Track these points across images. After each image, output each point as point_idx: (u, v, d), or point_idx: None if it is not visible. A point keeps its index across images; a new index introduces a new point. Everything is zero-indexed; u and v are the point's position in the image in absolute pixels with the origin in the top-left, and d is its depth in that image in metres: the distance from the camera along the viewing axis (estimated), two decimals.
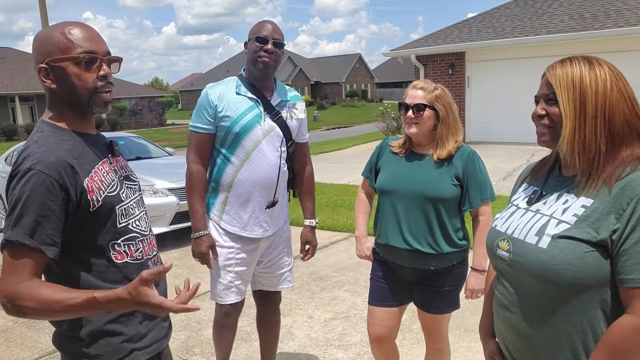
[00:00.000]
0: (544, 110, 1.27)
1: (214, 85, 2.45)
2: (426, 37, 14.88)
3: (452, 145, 2.16)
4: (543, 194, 1.33)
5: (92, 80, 1.36)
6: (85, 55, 1.35)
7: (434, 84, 2.20)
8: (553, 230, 1.21)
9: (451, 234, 2.16)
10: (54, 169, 1.28)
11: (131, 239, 1.45)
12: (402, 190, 2.17)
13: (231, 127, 2.35)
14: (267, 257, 2.60)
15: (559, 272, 1.17)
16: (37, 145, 1.32)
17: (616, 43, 11.27)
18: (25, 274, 1.24)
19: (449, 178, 2.14)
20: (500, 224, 1.38)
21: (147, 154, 7.65)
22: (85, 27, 1.38)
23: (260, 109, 2.40)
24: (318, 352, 3.34)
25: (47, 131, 1.37)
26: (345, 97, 54.77)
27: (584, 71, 1.22)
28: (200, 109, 2.40)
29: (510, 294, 1.32)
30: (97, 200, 1.35)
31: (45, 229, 1.26)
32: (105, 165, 1.43)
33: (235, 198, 2.42)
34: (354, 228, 6.14)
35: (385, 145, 2.34)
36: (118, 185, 1.45)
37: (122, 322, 1.42)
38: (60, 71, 1.35)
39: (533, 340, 1.27)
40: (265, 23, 2.39)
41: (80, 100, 1.38)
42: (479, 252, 2.17)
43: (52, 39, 1.35)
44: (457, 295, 2.29)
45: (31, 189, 1.25)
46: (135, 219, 1.48)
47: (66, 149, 1.34)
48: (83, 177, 1.33)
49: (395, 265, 2.27)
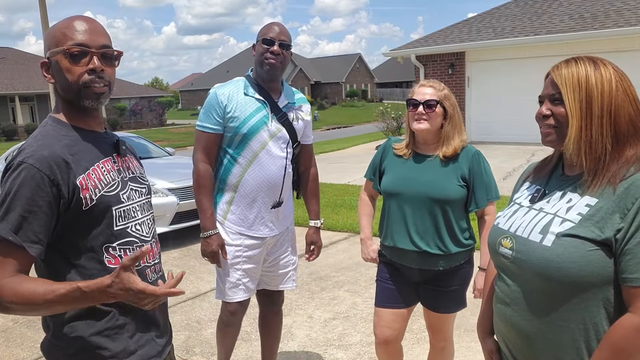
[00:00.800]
0: (549, 111, 1.27)
1: (223, 86, 2.45)
2: (426, 37, 14.88)
3: (457, 143, 2.17)
4: (546, 193, 1.34)
5: (79, 74, 1.31)
6: (74, 48, 1.30)
7: (442, 83, 2.23)
8: (557, 228, 1.22)
9: (458, 234, 2.17)
10: (46, 163, 1.24)
11: (128, 243, 1.38)
12: (408, 192, 2.17)
13: (239, 127, 2.36)
14: (272, 255, 2.61)
15: (562, 270, 1.17)
16: (35, 139, 1.30)
17: (616, 43, 11.27)
18: (8, 270, 1.20)
19: (455, 179, 2.14)
20: (502, 222, 1.39)
21: (147, 154, 7.65)
22: (85, 20, 1.34)
23: (268, 110, 2.41)
24: (318, 352, 3.35)
25: (49, 126, 1.35)
26: (345, 97, 54.78)
27: (589, 71, 1.22)
28: (209, 109, 2.40)
29: (512, 291, 1.32)
30: (90, 198, 1.29)
31: (32, 225, 1.21)
32: (107, 164, 1.38)
33: (241, 198, 2.44)
34: (353, 228, 6.20)
35: (389, 147, 2.33)
36: (119, 185, 1.39)
37: (109, 336, 1.34)
38: (56, 65, 1.33)
39: (534, 338, 1.26)
40: (272, 25, 2.41)
41: (71, 94, 1.34)
42: (486, 252, 2.12)
43: (51, 33, 1.34)
44: (463, 294, 2.30)
45: (20, 183, 1.21)
46: (135, 222, 1.41)
47: (63, 145, 1.30)
48: (78, 173, 1.29)
49: (403, 267, 2.26)
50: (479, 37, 13.44)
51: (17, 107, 32.35)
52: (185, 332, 3.71)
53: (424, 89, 2.18)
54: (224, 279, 2.49)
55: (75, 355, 1.33)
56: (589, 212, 1.19)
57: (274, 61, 2.36)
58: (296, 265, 2.74)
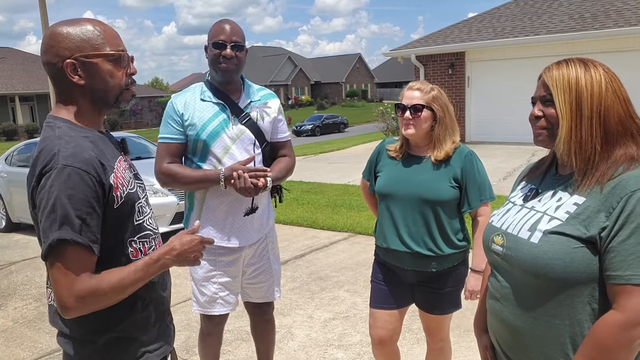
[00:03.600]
0: (541, 112, 1.30)
1: (179, 94, 2.39)
2: (426, 37, 14.89)
3: (449, 146, 2.15)
4: (539, 192, 1.37)
5: (123, 78, 1.40)
6: (119, 53, 1.38)
7: (430, 84, 2.19)
8: (545, 226, 1.25)
9: (451, 236, 2.16)
10: (90, 165, 1.27)
11: (145, 236, 1.46)
12: (400, 194, 2.17)
13: (198, 134, 2.27)
14: (252, 267, 2.47)
15: (548, 267, 1.21)
16: (64, 141, 1.30)
17: (616, 43, 11.27)
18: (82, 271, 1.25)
19: (447, 180, 2.13)
20: (496, 220, 1.43)
21: (148, 153, 7.65)
22: (108, 25, 1.40)
23: (228, 113, 2.31)
24: (318, 352, 3.35)
25: (65, 127, 1.35)
26: (345, 97, 54.80)
27: (579, 73, 1.25)
28: (166, 119, 2.33)
29: (502, 287, 1.35)
30: (120, 196, 1.35)
31: (90, 227, 1.26)
32: (122, 163, 1.43)
33: (210, 209, 2.34)
34: (353, 228, 6.22)
35: (383, 148, 2.33)
36: (134, 183, 1.45)
37: (137, 326, 1.42)
38: (92, 67, 1.35)
39: (522, 333, 1.29)
40: (222, 24, 2.26)
41: (109, 96, 1.39)
42: (479, 254, 2.14)
43: (81, 34, 1.34)
44: (458, 296, 2.29)
45: (73, 186, 1.23)
46: (148, 216, 1.50)
47: (90, 146, 1.33)
48: (110, 173, 1.33)
49: (397, 268, 2.26)
50: (479, 37, 13.44)
51: (17, 107, 32.39)
52: (185, 332, 3.71)
53: (411, 92, 2.16)
54: (199, 292, 2.41)
55: (104, 347, 1.38)
56: (576, 210, 1.22)
57: (227, 65, 2.23)
58: (278, 274, 2.60)
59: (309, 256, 5.33)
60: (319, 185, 9.13)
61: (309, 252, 5.46)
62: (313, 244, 5.74)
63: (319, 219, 6.70)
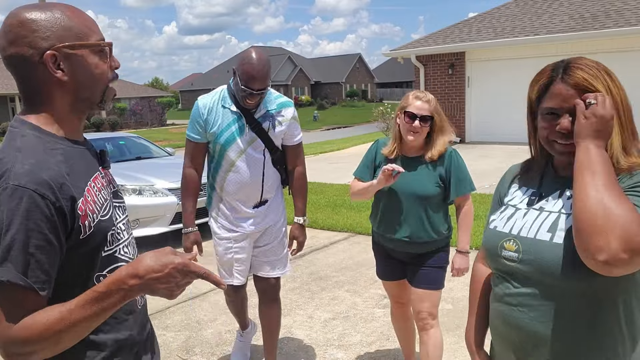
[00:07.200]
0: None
1: (205, 97, 2.67)
2: (426, 37, 14.89)
3: (442, 146, 2.48)
4: (542, 195, 1.33)
5: (108, 71, 1.18)
6: (106, 43, 1.16)
7: (430, 94, 2.50)
8: (566, 224, 1.20)
9: (437, 225, 2.53)
10: (48, 187, 1.02)
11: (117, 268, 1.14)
12: (396, 188, 2.49)
13: (217, 138, 2.60)
14: (260, 244, 2.83)
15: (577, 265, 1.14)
16: (23, 155, 1.04)
17: (616, 43, 11.27)
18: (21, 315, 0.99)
19: (435, 180, 2.49)
20: (501, 225, 1.35)
21: (148, 154, 7.66)
22: (83, 12, 1.18)
23: (243, 121, 2.60)
24: (318, 352, 3.35)
25: (31, 136, 1.09)
26: (345, 97, 54.79)
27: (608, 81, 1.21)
28: (192, 120, 2.66)
29: (519, 293, 1.28)
30: (89, 226, 1.10)
31: (40, 263, 1.00)
32: (97, 181, 1.18)
33: (226, 199, 2.73)
34: (353, 228, 6.22)
35: (379, 148, 2.63)
36: (110, 205, 1.20)
37: None
38: (78, 60, 1.12)
39: (547, 339, 1.24)
40: (253, 71, 2.40)
41: (95, 95, 1.17)
42: (463, 237, 2.57)
43: (61, 21, 1.10)
44: (442, 276, 2.61)
45: (22, 213, 0.98)
46: (123, 244, 1.24)
47: (57, 162, 1.08)
48: (77, 198, 1.08)
49: (391, 251, 2.66)
50: (479, 37, 13.44)
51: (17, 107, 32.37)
52: (185, 332, 3.71)
53: (421, 103, 2.43)
54: (220, 267, 2.86)
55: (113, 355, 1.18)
56: None
57: (251, 103, 2.52)
58: (285, 255, 2.90)
59: (309, 256, 5.33)
60: (319, 185, 9.12)
61: (309, 252, 5.44)
62: (313, 244, 5.72)
63: (319, 219, 6.70)
